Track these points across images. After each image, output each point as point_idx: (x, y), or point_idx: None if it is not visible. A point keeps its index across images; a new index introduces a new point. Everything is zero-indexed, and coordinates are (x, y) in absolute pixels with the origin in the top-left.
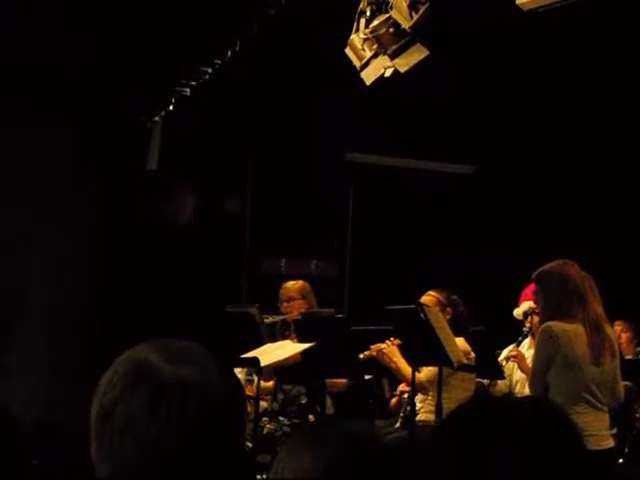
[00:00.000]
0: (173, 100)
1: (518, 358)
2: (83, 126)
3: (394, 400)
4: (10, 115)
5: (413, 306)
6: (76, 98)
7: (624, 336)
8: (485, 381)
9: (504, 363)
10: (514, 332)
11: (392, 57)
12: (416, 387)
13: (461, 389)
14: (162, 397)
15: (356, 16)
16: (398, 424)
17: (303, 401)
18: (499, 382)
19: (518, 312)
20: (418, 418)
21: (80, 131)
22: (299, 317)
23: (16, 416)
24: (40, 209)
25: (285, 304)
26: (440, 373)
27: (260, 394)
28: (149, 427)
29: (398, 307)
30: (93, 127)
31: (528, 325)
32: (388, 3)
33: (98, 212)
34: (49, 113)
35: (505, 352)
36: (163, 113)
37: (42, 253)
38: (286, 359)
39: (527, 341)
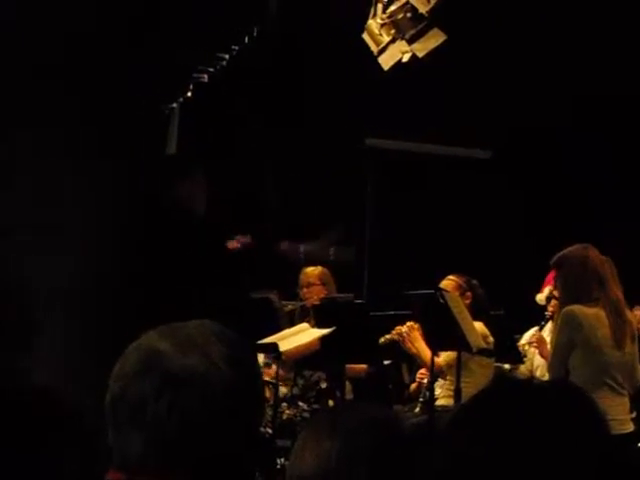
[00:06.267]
0: (191, 87)
1: (539, 343)
2: (100, 114)
3: (413, 385)
4: (25, 102)
5: (432, 291)
6: (93, 85)
7: None
8: (507, 366)
9: (526, 348)
10: (535, 317)
11: (410, 42)
12: (435, 372)
13: (480, 374)
14: (169, 387)
15: (373, 1)
16: (417, 409)
17: (323, 386)
18: (521, 367)
19: (541, 297)
20: (437, 403)
21: (97, 119)
22: (318, 303)
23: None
24: (58, 198)
25: (305, 290)
26: (459, 357)
27: (279, 379)
28: (154, 417)
29: (417, 292)
30: (111, 114)
31: (551, 310)
32: None
33: (117, 201)
34: (65, 99)
35: (527, 336)
36: (181, 100)
37: (58, 241)
38: (305, 346)
39: (549, 326)
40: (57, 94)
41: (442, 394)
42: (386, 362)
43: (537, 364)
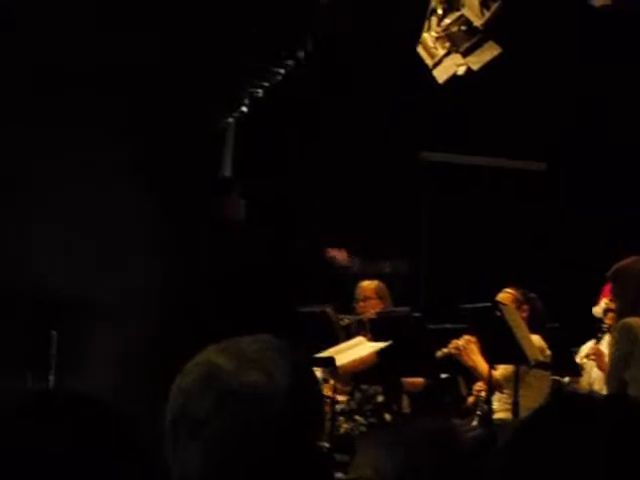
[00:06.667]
0: (246, 101)
1: (597, 356)
2: (156, 129)
3: (471, 399)
4: (80, 114)
5: (489, 304)
6: (149, 101)
7: None
8: (566, 379)
9: (584, 361)
10: (592, 330)
11: (464, 55)
12: (492, 385)
13: (537, 387)
14: (229, 403)
15: (427, 14)
16: (475, 422)
17: (379, 400)
18: (579, 380)
19: (597, 310)
20: (495, 416)
21: (153, 134)
22: (374, 317)
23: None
24: (109, 213)
25: (361, 304)
26: (517, 371)
27: (336, 393)
28: (215, 432)
29: (474, 305)
30: (166, 129)
31: (608, 322)
32: (459, 1)
33: (170, 215)
34: (121, 114)
35: (585, 349)
36: (236, 114)
37: (112, 255)
38: (362, 360)
39: (607, 338)
40: (113, 108)
41: (499, 407)
42: (443, 375)
43: (594, 377)
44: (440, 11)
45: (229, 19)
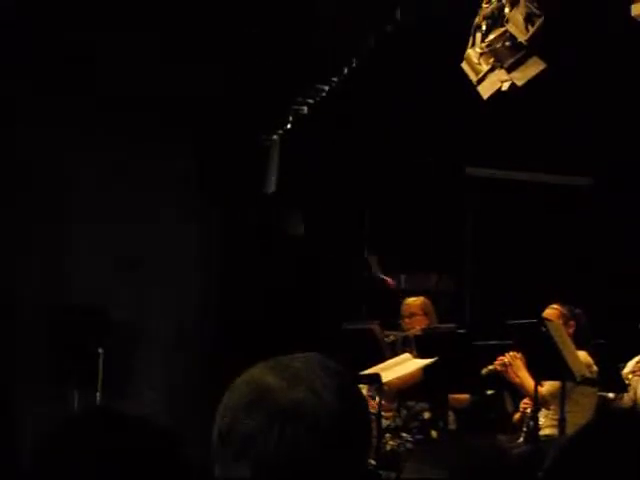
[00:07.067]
0: (291, 118)
1: None
2: (202, 145)
3: (517, 415)
4: (127, 137)
5: (535, 320)
6: (195, 117)
7: None
8: (610, 395)
9: (630, 376)
10: (638, 345)
11: (509, 71)
12: (538, 401)
13: (584, 403)
14: (277, 421)
15: (472, 30)
16: (521, 439)
17: (426, 417)
18: (624, 396)
19: None
20: (541, 433)
21: (199, 150)
22: (420, 333)
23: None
24: (157, 232)
25: (407, 320)
26: (563, 387)
27: (382, 410)
28: (264, 450)
29: (520, 322)
30: (212, 145)
31: None
32: (504, 17)
33: (216, 233)
34: (168, 130)
35: (631, 365)
36: (281, 131)
37: (161, 275)
38: (408, 376)
39: None
40: (161, 123)
41: (546, 424)
42: (489, 392)
43: None
44: (484, 27)
45: (274, 36)
